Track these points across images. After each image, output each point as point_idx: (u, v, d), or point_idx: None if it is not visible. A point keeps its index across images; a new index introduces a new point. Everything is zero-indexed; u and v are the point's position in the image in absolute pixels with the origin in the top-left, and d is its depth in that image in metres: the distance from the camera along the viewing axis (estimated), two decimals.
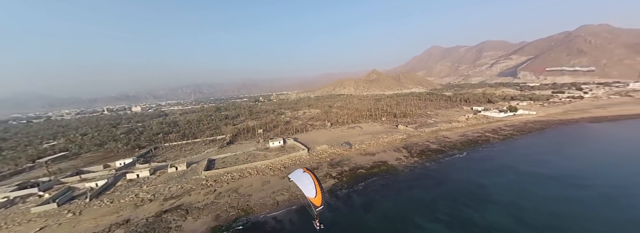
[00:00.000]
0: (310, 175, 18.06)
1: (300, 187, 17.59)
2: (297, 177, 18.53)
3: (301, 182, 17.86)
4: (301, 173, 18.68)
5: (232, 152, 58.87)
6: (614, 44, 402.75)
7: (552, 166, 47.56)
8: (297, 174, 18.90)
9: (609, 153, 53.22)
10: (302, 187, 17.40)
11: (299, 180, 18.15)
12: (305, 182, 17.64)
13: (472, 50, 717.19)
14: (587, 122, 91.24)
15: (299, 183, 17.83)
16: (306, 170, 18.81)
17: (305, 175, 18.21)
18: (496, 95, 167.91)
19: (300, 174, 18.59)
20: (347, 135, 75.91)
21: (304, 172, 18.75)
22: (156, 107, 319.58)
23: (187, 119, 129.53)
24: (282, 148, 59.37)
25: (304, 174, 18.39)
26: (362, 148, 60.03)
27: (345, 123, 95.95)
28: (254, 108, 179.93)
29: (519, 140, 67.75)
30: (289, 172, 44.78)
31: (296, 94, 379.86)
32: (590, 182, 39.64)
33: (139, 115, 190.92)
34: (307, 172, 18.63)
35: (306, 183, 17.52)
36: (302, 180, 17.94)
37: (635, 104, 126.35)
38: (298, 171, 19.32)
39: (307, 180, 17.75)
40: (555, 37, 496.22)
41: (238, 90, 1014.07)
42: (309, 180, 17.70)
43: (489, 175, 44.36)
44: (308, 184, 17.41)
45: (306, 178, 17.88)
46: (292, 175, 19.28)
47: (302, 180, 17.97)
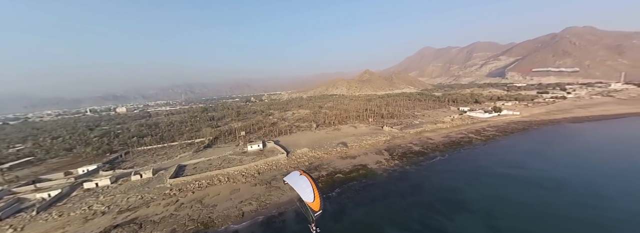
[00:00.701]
0: (307, 178, 17.47)
1: (297, 190, 17.07)
2: (293, 180, 17.96)
3: (298, 186, 17.28)
4: (298, 176, 18.12)
5: (207, 156, 55.99)
6: (597, 45, 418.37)
7: (530, 169, 47.06)
8: (294, 177, 18.30)
9: (585, 155, 53.38)
10: (300, 191, 16.88)
11: (295, 184, 17.60)
12: (303, 185, 17.09)
13: (463, 51, 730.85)
14: (568, 122, 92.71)
15: (296, 187, 17.29)
16: (303, 173, 18.17)
17: (303, 178, 17.62)
18: (483, 95, 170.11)
19: (297, 177, 18.03)
20: (331, 137, 74.11)
21: (300, 174, 18.17)
22: (143, 108, 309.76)
23: (170, 121, 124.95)
24: (260, 152, 56.91)
25: (300, 177, 17.82)
26: (344, 151, 58.28)
27: (332, 125, 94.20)
28: (243, 109, 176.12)
29: (501, 141, 67.61)
30: (265, 179, 43.21)
31: (288, 94, 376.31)
32: (566, 186, 39.05)
33: (121, 117, 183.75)
34: (304, 174, 17.95)
35: (304, 187, 16.95)
36: (299, 184, 17.36)
37: (616, 104, 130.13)
38: (294, 173, 18.75)
39: (304, 183, 17.17)
40: (542, 38, 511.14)
41: (231, 90, 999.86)
42: (306, 183, 17.12)
43: (466, 178, 43.34)
44: (306, 188, 16.86)
45: (303, 182, 17.27)
46: (287, 177, 18.71)
47: (299, 183, 17.39)
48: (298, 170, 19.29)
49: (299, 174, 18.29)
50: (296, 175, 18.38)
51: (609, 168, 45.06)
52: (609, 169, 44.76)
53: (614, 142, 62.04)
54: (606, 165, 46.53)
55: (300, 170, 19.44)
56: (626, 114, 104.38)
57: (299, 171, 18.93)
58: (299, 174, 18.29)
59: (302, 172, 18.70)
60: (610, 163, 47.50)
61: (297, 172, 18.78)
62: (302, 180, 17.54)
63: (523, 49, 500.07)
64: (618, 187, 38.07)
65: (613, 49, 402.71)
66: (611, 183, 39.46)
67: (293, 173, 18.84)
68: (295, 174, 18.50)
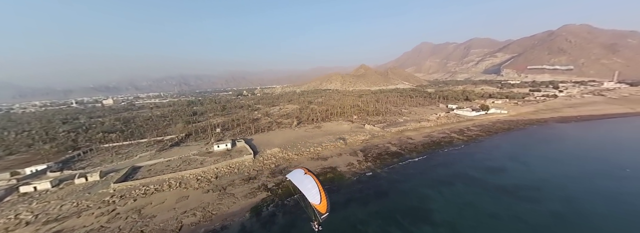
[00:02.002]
0: (312, 177, 16.91)
1: (302, 190, 16.46)
2: (297, 179, 17.34)
3: (303, 186, 16.65)
4: (302, 175, 17.54)
5: (169, 156, 52.28)
6: (593, 43, 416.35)
7: (506, 174, 44.71)
8: (297, 176, 17.64)
9: (567, 160, 51.03)
10: (305, 192, 16.25)
11: (300, 183, 16.98)
12: (308, 185, 16.46)
13: (460, 47, 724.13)
14: (555, 121, 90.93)
15: (300, 187, 16.67)
16: (307, 172, 17.59)
17: (307, 177, 17.05)
18: (475, 92, 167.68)
19: (301, 176, 17.44)
20: (309, 135, 70.84)
21: (305, 173, 17.56)
22: (131, 100, 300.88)
23: (149, 115, 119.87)
24: (227, 153, 53.38)
25: (305, 176, 17.23)
26: (316, 152, 55.15)
27: (314, 122, 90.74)
28: (231, 103, 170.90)
29: (483, 142, 65.24)
30: (221, 184, 39.49)
31: (282, 88, 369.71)
32: (541, 195, 36.57)
33: (104, 109, 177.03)
34: (309, 174, 17.36)
35: (309, 188, 16.29)
36: (304, 183, 16.75)
37: (606, 103, 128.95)
38: (298, 172, 18.10)
39: (310, 183, 16.55)
40: (538, 35, 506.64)
41: (226, 82, 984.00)
42: (312, 183, 16.49)
43: (438, 184, 40.76)
44: (311, 189, 16.20)
45: (309, 182, 16.68)
46: (290, 175, 18.10)
47: (304, 183, 16.79)
48: (302, 168, 18.43)
49: (303, 173, 17.65)
50: (300, 173, 17.74)
51: (590, 176, 42.80)
52: (590, 177, 42.46)
53: (598, 146, 59.86)
54: (588, 173, 44.21)
55: (305, 168, 18.51)
56: (614, 115, 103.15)
57: (304, 169, 18.12)
58: (303, 173, 17.65)
59: (307, 170, 17.86)
60: (592, 171, 45.13)
61: (301, 171, 18.04)
62: (307, 179, 16.89)
63: (519, 46, 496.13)
64: (599, 198, 35.76)
65: (608, 48, 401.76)
66: (592, 194, 37.18)
67: (297, 171, 18.21)
68: (299, 172, 17.89)
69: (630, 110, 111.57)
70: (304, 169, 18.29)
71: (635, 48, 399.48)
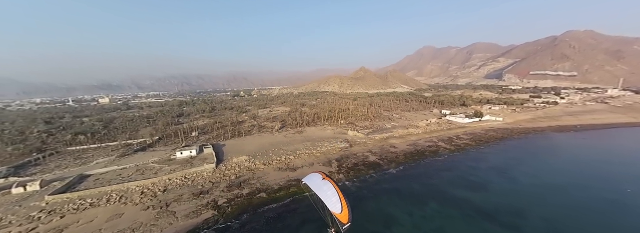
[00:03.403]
0: (331, 183, 16.12)
1: (321, 197, 15.54)
2: (315, 185, 16.45)
3: (322, 192, 15.74)
4: (320, 179, 16.72)
5: (128, 163, 48.73)
6: (596, 49, 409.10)
7: (488, 192, 40.24)
8: (315, 180, 16.75)
9: (560, 178, 46.18)
10: (325, 199, 15.38)
11: (318, 189, 16.15)
12: (328, 192, 15.66)
13: (463, 52, 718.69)
14: (553, 131, 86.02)
15: (319, 193, 15.77)
16: (325, 177, 16.76)
17: (326, 183, 16.25)
18: (473, 97, 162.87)
19: (319, 181, 16.62)
20: (287, 141, 66.94)
21: (323, 178, 16.74)
22: (130, 99, 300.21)
23: (134, 115, 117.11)
24: (189, 160, 49.65)
25: (323, 181, 16.45)
26: (287, 161, 51.19)
27: (297, 127, 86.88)
28: (224, 104, 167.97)
29: (470, 153, 60.74)
30: (166, 199, 33.82)
31: (279, 89, 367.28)
32: (524, 223, 31.91)
33: (96, 108, 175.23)
34: (328, 179, 16.53)
35: (329, 195, 15.49)
36: (323, 190, 15.88)
37: (609, 112, 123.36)
38: (315, 176, 17.19)
39: (329, 190, 15.76)
40: (541, 41, 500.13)
41: (227, 83, 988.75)
42: (331, 190, 15.71)
43: (407, 204, 36.50)
44: (331, 196, 15.41)
45: (328, 188, 15.87)
46: (307, 179, 17.24)
47: (323, 189, 15.94)
48: (319, 173, 17.30)
49: (321, 178, 16.79)
50: (318, 178, 16.89)
51: (585, 200, 38.01)
52: (585, 201, 37.65)
53: (597, 161, 54.76)
54: (583, 195, 39.43)
55: (322, 173, 17.37)
56: (616, 124, 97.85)
57: (321, 174, 17.15)
58: (321, 178, 16.79)
59: (325, 175, 16.89)
60: (588, 192, 40.34)
61: (319, 175, 17.07)
62: (327, 186, 16.06)
63: (522, 51, 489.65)
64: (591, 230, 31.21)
65: (612, 54, 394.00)
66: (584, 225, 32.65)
67: (314, 176, 17.33)
68: (317, 177, 17.00)
69: (633, 120, 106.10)
70: (322, 173, 17.04)
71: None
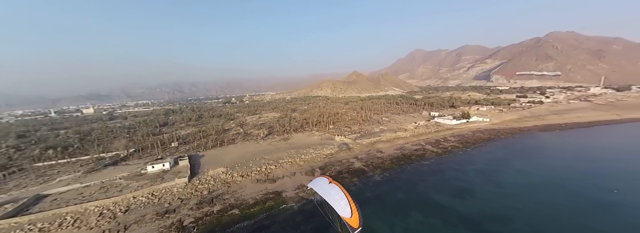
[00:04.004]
0: (338, 187, 15.88)
1: (329, 202, 15.27)
2: (322, 189, 16.17)
3: (329, 196, 15.43)
4: (326, 184, 16.40)
5: (95, 179, 45.39)
6: (578, 50, 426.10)
7: (474, 198, 38.83)
8: (321, 185, 16.40)
9: (546, 179, 45.49)
10: (333, 203, 15.09)
11: (325, 193, 15.88)
12: (335, 196, 15.37)
13: (452, 54, 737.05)
14: (539, 130, 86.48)
15: (327, 197, 15.47)
16: (332, 181, 16.41)
17: (333, 187, 16.00)
18: (462, 99, 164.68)
19: (326, 185, 16.26)
20: (271, 149, 64.60)
21: (329, 182, 16.42)
22: (116, 108, 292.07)
23: (116, 126, 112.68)
24: (161, 174, 46.61)
25: (330, 185, 16.14)
26: (267, 172, 48.78)
27: (284, 133, 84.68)
28: (212, 111, 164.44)
29: (457, 156, 59.73)
30: (126, 221, 30.79)
31: (272, 95, 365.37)
32: (509, 230, 30.60)
33: (77, 120, 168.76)
34: (334, 182, 16.25)
35: (337, 199, 15.16)
36: (331, 194, 15.59)
37: (592, 109, 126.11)
38: (321, 180, 16.86)
39: (337, 194, 15.45)
40: (526, 42, 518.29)
41: (221, 90, 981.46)
42: (339, 194, 15.40)
43: (389, 214, 34.67)
44: (340, 200, 15.06)
45: (335, 192, 15.60)
46: (313, 184, 17.04)
47: (330, 193, 15.68)
48: (325, 177, 16.94)
49: (327, 182, 16.43)
50: (324, 182, 16.48)
51: (572, 202, 37.04)
52: (572, 204, 36.67)
53: (582, 161, 54.38)
54: (570, 197, 38.39)
55: (328, 176, 16.92)
56: (600, 122, 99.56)
57: (327, 178, 16.71)
58: (327, 182, 16.43)
59: (331, 179, 16.49)
60: (575, 193, 39.41)
61: (325, 179, 16.69)
62: (334, 190, 15.73)
63: (508, 53, 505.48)
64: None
65: (594, 54, 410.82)
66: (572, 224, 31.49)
67: (319, 180, 16.97)
68: (323, 181, 16.59)
69: (616, 117, 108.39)
70: (328, 177, 16.60)
71: (621, 54, 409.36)
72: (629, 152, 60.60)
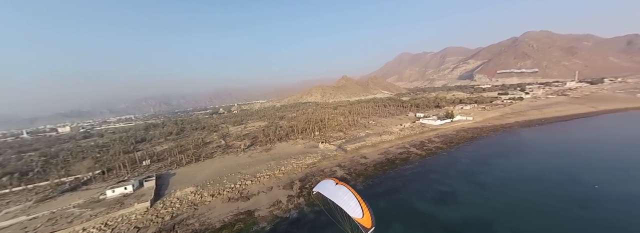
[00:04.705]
0: (346, 188, 15.44)
1: (338, 204, 14.69)
2: (329, 192, 15.71)
3: (338, 198, 14.88)
4: (333, 185, 15.95)
5: (44, 210, 40.37)
6: (553, 47, 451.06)
7: (457, 202, 37.11)
8: (328, 187, 16.01)
9: (527, 177, 44.80)
10: (343, 205, 14.49)
11: (333, 195, 15.32)
12: (344, 197, 14.86)
13: (437, 56, 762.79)
14: (520, 126, 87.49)
15: (335, 200, 14.95)
16: (339, 182, 16.09)
17: (341, 188, 15.50)
18: (447, 99, 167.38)
19: (333, 187, 15.80)
20: (250, 162, 61.16)
21: (336, 184, 16.06)
22: (95, 125, 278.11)
23: (87, 145, 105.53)
24: (122, 199, 42.18)
25: (338, 187, 15.70)
26: (241, 188, 45.33)
27: (268, 143, 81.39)
28: (196, 123, 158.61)
29: (441, 157, 58.51)
30: None
31: (261, 103, 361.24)
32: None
33: (50, 140, 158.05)
34: (341, 183, 15.88)
35: (346, 200, 14.66)
36: (338, 195, 15.10)
37: (569, 103, 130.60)
38: (327, 183, 16.55)
39: (346, 195, 14.95)
40: (504, 42, 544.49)
41: (211, 100, 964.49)
42: (348, 195, 14.90)
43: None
44: (349, 201, 14.57)
45: (343, 193, 15.08)
46: (319, 188, 16.74)
47: (338, 195, 15.17)
48: (331, 179, 16.48)
49: (334, 183, 16.00)
50: (330, 184, 16.04)
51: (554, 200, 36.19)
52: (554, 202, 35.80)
53: (561, 156, 54.32)
54: (552, 195, 37.63)
55: (334, 178, 16.61)
56: (577, 115, 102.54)
57: (333, 180, 16.36)
58: (334, 183, 16.00)
59: (338, 180, 16.20)
60: (556, 191, 38.64)
61: (332, 181, 16.23)
62: (342, 191, 15.31)
63: (489, 53, 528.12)
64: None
65: (567, 50, 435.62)
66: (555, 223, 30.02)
67: (325, 182, 16.58)
68: (329, 183, 16.17)
69: (592, 109, 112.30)
70: (334, 179, 16.31)
71: (591, 49, 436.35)
72: (605, 143, 61.68)
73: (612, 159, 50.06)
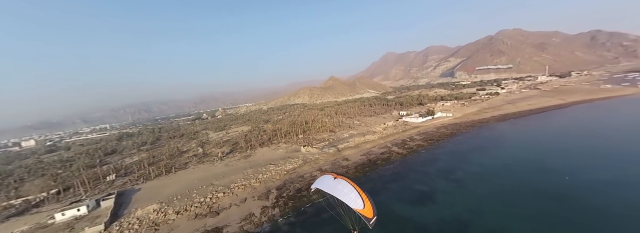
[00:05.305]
0: (345, 181, 15.28)
1: (338, 197, 14.64)
2: (329, 186, 15.45)
3: (338, 192, 14.83)
4: (332, 180, 15.68)
5: None
6: (525, 44, 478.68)
7: (435, 205, 36.33)
8: (327, 182, 15.72)
9: (503, 171, 45.33)
10: (343, 198, 14.49)
11: (332, 189, 15.18)
12: (344, 190, 14.78)
13: (420, 55, 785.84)
14: (496, 121, 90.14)
15: (335, 193, 14.89)
16: (338, 176, 15.88)
17: (340, 182, 15.35)
18: (429, 96, 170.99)
19: (331, 181, 15.59)
20: (226, 172, 57.55)
21: (335, 178, 15.75)
22: (66, 137, 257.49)
23: (48, 161, 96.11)
24: (74, 223, 37.45)
25: (337, 181, 15.51)
26: (212, 202, 41.95)
27: (248, 149, 77.81)
28: (173, 131, 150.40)
29: (422, 155, 58.41)
30: None
31: (247, 107, 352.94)
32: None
33: (12, 156, 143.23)
34: (341, 177, 15.72)
35: (346, 192, 14.61)
36: (338, 189, 14.94)
37: (541, 96, 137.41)
38: (325, 178, 16.18)
39: (345, 188, 14.88)
40: (481, 40, 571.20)
41: (195, 105, 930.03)
42: (348, 187, 14.82)
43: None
44: (349, 193, 14.51)
45: (343, 186, 14.97)
46: (317, 184, 16.24)
47: (338, 188, 15.01)
48: (329, 174, 16.24)
49: (332, 178, 15.73)
50: (329, 179, 15.75)
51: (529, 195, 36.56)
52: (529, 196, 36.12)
53: (534, 149, 55.71)
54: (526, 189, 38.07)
55: (333, 173, 16.21)
56: (548, 107, 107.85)
57: (332, 174, 16.07)
58: (332, 178, 15.73)
59: (336, 174, 15.94)
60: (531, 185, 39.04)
61: (330, 176, 15.98)
62: (341, 184, 15.11)
63: (467, 51, 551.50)
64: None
65: (537, 47, 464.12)
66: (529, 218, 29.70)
67: (324, 178, 16.23)
68: (328, 178, 15.90)
69: (561, 102, 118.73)
70: (332, 174, 16.07)
71: (559, 45, 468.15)
72: (571, 133, 64.75)
73: (578, 148, 52.56)
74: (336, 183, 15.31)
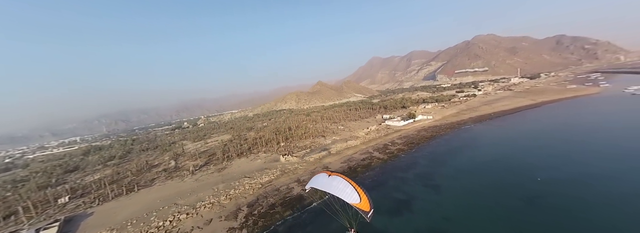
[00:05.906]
0: (340, 177, 15.44)
1: (334, 194, 14.80)
2: (323, 184, 15.59)
3: (333, 188, 15.01)
4: (326, 177, 15.80)
5: None
6: (498, 48, 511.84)
7: (412, 214, 34.76)
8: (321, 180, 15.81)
9: (479, 172, 45.14)
10: (339, 194, 14.61)
11: (327, 187, 15.29)
12: (340, 186, 14.98)
13: (404, 59, 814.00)
14: (473, 122, 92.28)
15: (330, 190, 15.04)
16: (332, 173, 15.99)
17: (335, 178, 15.46)
18: (412, 99, 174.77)
19: (326, 179, 15.66)
20: (195, 187, 52.98)
21: (329, 175, 15.85)
22: (28, 152, 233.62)
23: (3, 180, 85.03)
24: None
25: (331, 178, 15.57)
26: (172, 226, 37.55)
27: (223, 161, 73.25)
28: (148, 143, 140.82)
29: (402, 159, 57.47)
30: None
31: (232, 114, 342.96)
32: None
33: None
34: (335, 174, 15.83)
35: (342, 188, 14.83)
36: (334, 186, 15.14)
37: (514, 97, 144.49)
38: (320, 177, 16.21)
39: (340, 183, 15.05)
40: (459, 45, 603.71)
41: (178, 113, 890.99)
42: (343, 183, 14.97)
43: None
44: (345, 188, 14.75)
45: (338, 182, 15.12)
46: (312, 183, 16.25)
47: (333, 185, 15.16)
48: (324, 172, 16.20)
49: (327, 176, 15.81)
50: (324, 177, 15.81)
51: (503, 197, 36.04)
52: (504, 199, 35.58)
53: (508, 149, 56.64)
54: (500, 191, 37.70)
55: (327, 170, 16.37)
56: (521, 108, 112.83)
57: (326, 172, 16.12)
58: (327, 176, 15.81)
59: (330, 172, 15.96)
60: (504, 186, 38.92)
61: (324, 174, 16.07)
62: (336, 181, 15.17)
63: (447, 55, 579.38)
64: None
65: (510, 51, 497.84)
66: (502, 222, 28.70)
67: (318, 177, 16.18)
68: (322, 177, 15.92)
69: (532, 102, 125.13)
70: (326, 172, 16.04)
71: (529, 49, 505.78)
72: (541, 132, 67.33)
73: (548, 146, 54.47)
74: (331, 180, 15.23)
